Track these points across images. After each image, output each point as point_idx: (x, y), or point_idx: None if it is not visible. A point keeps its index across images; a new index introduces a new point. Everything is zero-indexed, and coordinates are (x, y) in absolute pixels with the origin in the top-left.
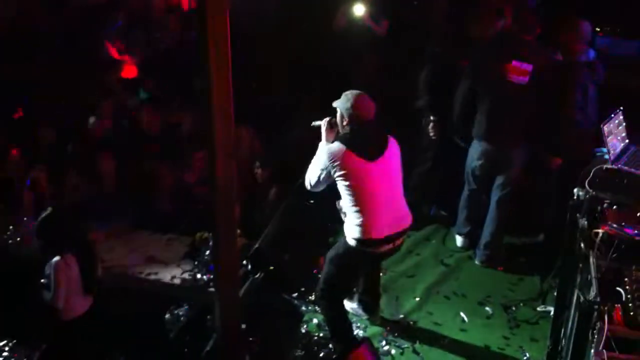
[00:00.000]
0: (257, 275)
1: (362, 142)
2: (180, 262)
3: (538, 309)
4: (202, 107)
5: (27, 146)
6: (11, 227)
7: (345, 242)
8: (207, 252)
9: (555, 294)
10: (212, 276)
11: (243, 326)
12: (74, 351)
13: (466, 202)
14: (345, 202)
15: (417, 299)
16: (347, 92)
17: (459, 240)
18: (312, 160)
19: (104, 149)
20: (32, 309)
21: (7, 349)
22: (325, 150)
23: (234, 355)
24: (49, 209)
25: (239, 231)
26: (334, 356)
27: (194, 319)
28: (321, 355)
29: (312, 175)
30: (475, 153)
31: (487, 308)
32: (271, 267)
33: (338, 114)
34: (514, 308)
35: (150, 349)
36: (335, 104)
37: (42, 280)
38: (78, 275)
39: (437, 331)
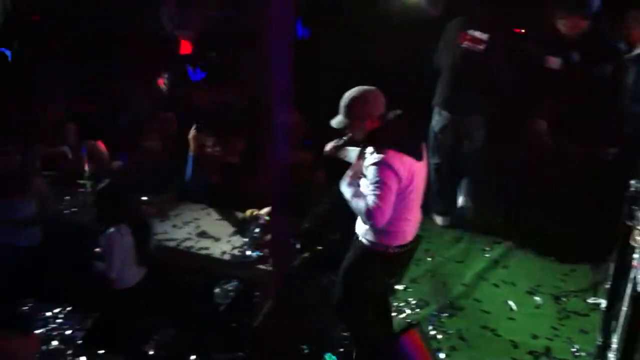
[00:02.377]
0: (305, 255)
1: (407, 139)
2: (230, 238)
3: (589, 300)
4: (263, 91)
5: (81, 118)
6: (67, 197)
7: (367, 249)
8: (257, 230)
9: (607, 286)
10: (261, 253)
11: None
12: (125, 321)
13: (435, 177)
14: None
15: (465, 285)
16: (343, 101)
17: (438, 220)
18: (352, 195)
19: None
20: (86, 279)
21: (61, 316)
22: (378, 165)
23: (283, 333)
24: (106, 181)
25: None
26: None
27: (243, 295)
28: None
29: (384, 203)
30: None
31: (536, 297)
32: (320, 247)
33: (350, 129)
34: (564, 299)
35: (199, 323)
36: (336, 121)
37: (96, 250)
38: (132, 246)
39: (484, 318)
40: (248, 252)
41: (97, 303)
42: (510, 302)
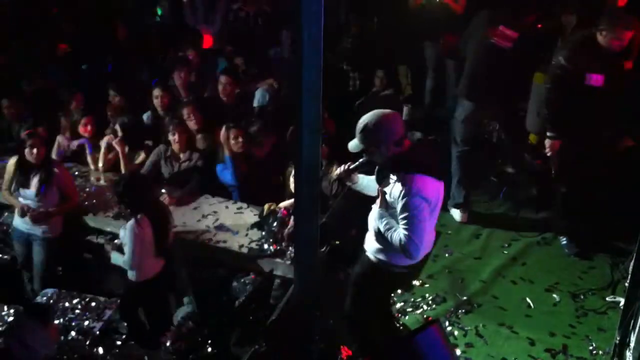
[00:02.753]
0: (322, 249)
1: (431, 162)
2: (249, 231)
3: (607, 298)
4: (292, 85)
5: (101, 112)
6: (87, 189)
7: (375, 266)
8: (275, 223)
9: (626, 284)
10: (278, 247)
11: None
12: (144, 311)
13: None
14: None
15: (483, 281)
16: (359, 124)
17: (456, 215)
18: (386, 225)
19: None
20: (106, 270)
21: (79, 306)
22: (411, 193)
23: (305, 325)
24: (126, 174)
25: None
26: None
27: (260, 288)
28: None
29: (418, 235)
30: None
31: (554, 295)
32: (337, 242)
33: (369, 150)
34: (582, 296)
35: (217, 314)
36: (353, 144)
37: (116, 242)
38: (151, 238)
39: (501, 315)
40: (265, 246)
41: (116, 294)
42: (528, 300)
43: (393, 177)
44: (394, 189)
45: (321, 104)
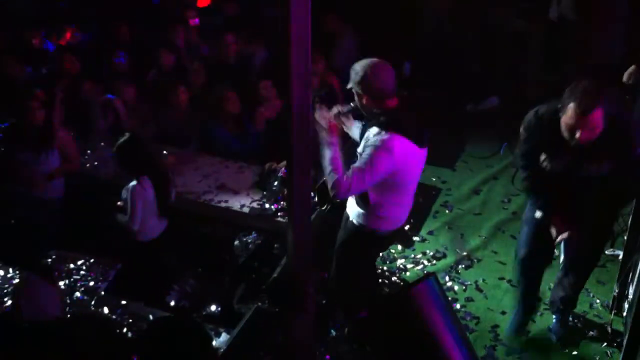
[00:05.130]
0: (323, 208)
1: (412, 123)
2: (250, 190)
3: (606, 252)
4: (280, 38)
5: (102, 74)
6: (89, 151)
7: (357, 232)
8: (276, 182)
9: (625, 237)
10: (279, 206)
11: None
12: (147, 271)
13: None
14: (376, 193)
15: (483, 237)
16: (355, 65)
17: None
18: (330, 165)
19: (178, 77)
20: (109, 231)
21: (84, 267)
22: (379, 144)
23: (302, 283)
24: (126, 135)
25: None
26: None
27: (262, 247)
28: (385, 288)
29: (357, 179)
30: None
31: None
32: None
33: (356, 96)
34: None
35: (220, 273)
36: (350, 85)
37: (118, 203)
38: (154, 198)
39: (501, 270)
40: (267, 205)
41: (120, 255)
42: None
43: (374, 130)
44: (370, 138)
45: (310, 56)
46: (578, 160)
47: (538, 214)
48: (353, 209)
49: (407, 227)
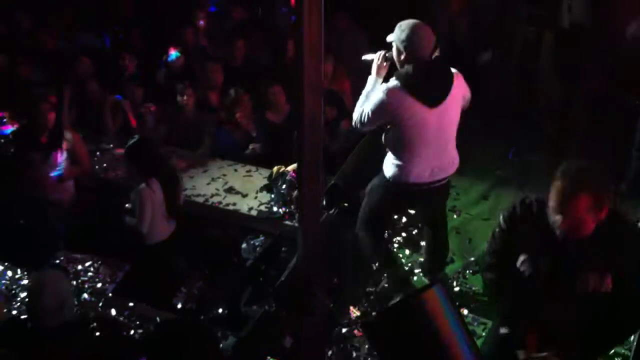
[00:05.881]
0: (331, 211)
1: (424, 84)
2: (258, 194)
3: None
4: (284, 44)
5: (110, 76)
6: (98, 153)
7: (383, 176)
8: (284, 186)
9: None
10: (287, 209)
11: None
12: (155, 273)
13: None
14: (390, 142)
15: None
16: (402, 23)
17: None
18: (364, 97)
19: (185, 80)
20: (117, 233)
21: (92, 269)
22: (382, 91)
23: (310, 286)
24: (135, 137)
25: None
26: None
27: (270, 250)
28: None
29: (363, 114)
30: None
31: None
32: (345, 204)
33: (394, 49)
34: None
35: (227, 276)
36: (389, 37)
37: (127, 205)
38: (162, 201)
39: None
40: (275, 208)
41: (128, 257)
42: None
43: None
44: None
45: (322, 63)
46: (569, 265)
47: (503, 330)
48: (386, 161)
49: (414, 232)
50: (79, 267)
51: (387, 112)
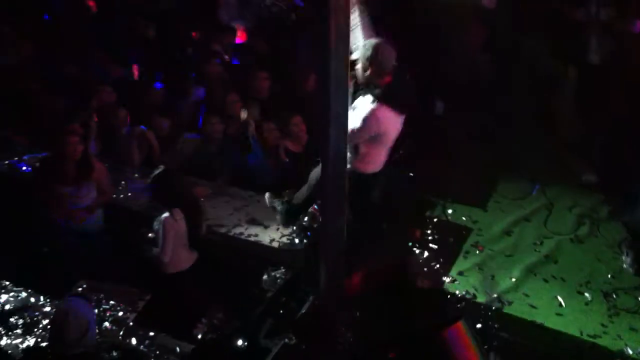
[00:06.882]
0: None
1: (396, 96)
2: (280, 225)
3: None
4: (319, 76)
5: (134, 105)
6: (122, 182)
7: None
8: (305, 218)
9: None
10: (309, 241)
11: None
12: (176, 303)
13: None
14: (365, 146)
15: (514, 279)
16: (366, 42)
17: None
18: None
19: (210, 110)
20: (139, 262)
21: (114, 298)
22: (370, 113)
23: (331, 320)
24: (160, 167)
25: None
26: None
27: (291, 282)
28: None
29: (351, 135)
30: None
31: (586, 294)
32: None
33: (360, 65)
34: (614, 295)
35: (247, 307)
36: (354, 55)
37: (149, 235)
38: (185, 230)
39: (532, 313)
40: (296, 240)
41: (149, 286)
42: (559, 298)
43: (369, 98)
44: (364, 103)
45: (349, 98)
46: None
47: None
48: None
49: (436, 267)
50: (101, 295)
51: (379, 129)
